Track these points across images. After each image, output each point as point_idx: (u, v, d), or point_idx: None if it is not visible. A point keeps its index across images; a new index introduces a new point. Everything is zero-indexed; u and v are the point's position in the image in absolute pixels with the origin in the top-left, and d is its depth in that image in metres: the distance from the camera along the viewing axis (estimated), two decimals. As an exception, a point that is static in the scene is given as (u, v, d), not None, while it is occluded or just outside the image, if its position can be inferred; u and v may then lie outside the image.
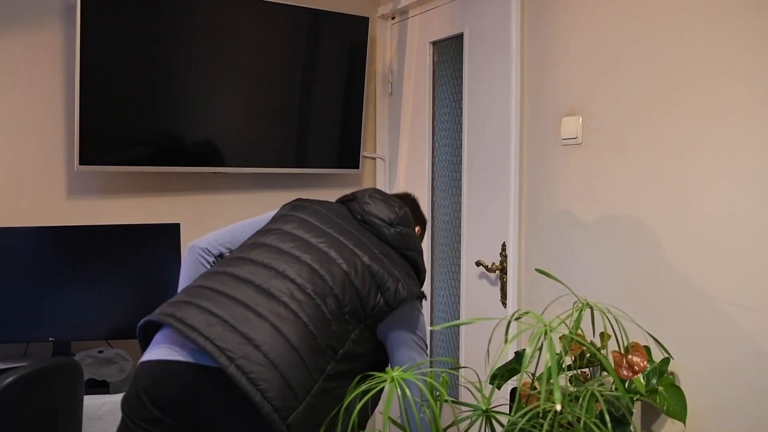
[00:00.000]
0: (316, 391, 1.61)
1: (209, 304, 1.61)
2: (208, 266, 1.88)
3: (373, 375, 1.79)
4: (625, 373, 1.64)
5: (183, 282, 1.91)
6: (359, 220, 1.92)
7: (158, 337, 1.68)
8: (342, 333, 1.68)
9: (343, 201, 2.00)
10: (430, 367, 2.90)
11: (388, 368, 1.35)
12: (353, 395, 1.39)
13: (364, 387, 1.35)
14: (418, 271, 1.94)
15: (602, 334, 1.73)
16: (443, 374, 1.54)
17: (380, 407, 3.11)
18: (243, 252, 1.77)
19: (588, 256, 2.14)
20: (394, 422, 1.38)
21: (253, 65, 2.83)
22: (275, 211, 1.96)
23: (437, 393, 1.39)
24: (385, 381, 1.30)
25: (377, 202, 1.93)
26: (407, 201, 2.13)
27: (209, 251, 1.88)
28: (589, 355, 1.69)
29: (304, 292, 1.66)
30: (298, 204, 1.93)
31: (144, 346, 1.76)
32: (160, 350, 1.63)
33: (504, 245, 2.46)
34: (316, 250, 1.74)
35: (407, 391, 1.33)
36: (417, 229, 2.10)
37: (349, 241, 1.79)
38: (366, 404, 1.67)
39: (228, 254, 1.89)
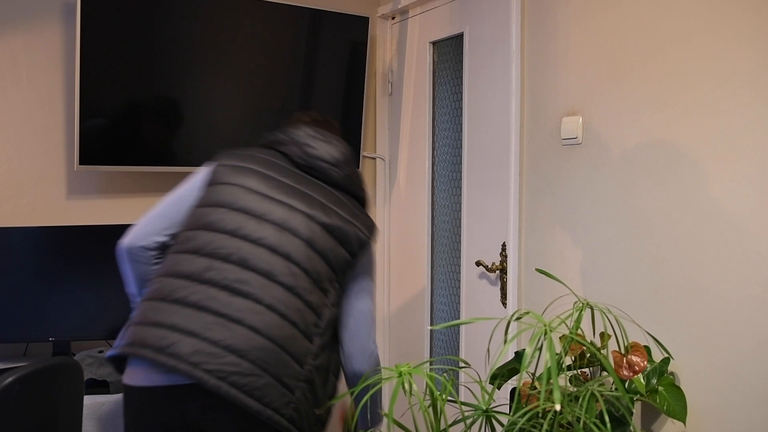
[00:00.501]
0: (307, 376, 1.60)
1: (182, 321, 1.54)
2: (154, 261, 1.76)
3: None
4: (625, 373, 1.64)
5: (133, 285, 1.80)
6: (302, 165, 1.78)
7: (135, 359, 1.63)
8: (320, 303, 1.65)
9: (276, 145, 1.83)
10: (432, 366, 2.90)
11: (398, 364, 1.35)
12: (355, 392, 1.39)
13: (367, 383, 1.35)
14: (365, 206, 1.89)
15: (602, 334, 1.73)
16: (445, 374, 1.53)
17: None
18: (196, 244, 1.64)
19: (588, 256, 2.14)
20: (398, 423, 1.38)
21: (253, 65, 2.83)
22: (203, 175, 1.78)
23: (440, 392, 1.39)
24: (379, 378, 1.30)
25: (319, 143, 1.79)
26: (337, 130, 1.98)
27: (149, 248, 1.74)
28: (589, 355, 1.69)
29: (273, 281, 1.60)
30: (233, 166, 1.75)
31: (119, 364, 1.70)
32: (143, 372, 1.59)
33: (504, 245, 2.46)
34: (271, 227, 1.65)
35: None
36: None
37: (300, 203, 1.69)
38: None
39: (170, 241, 1.75)
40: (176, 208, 1.75)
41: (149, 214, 1.76)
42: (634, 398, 1.77)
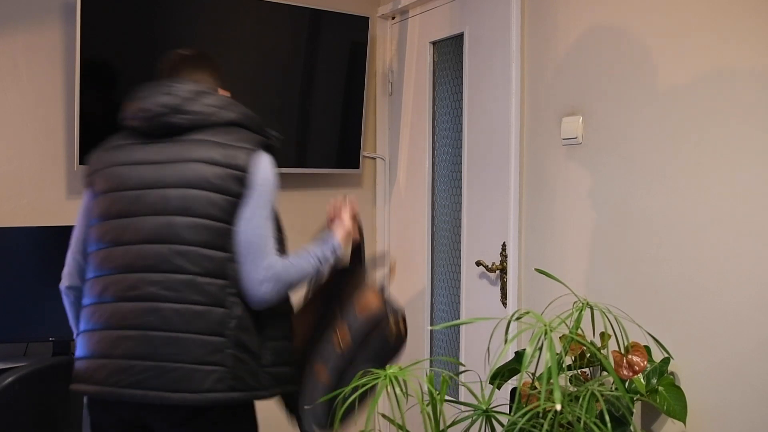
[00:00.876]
0: (234, 340, 1.60)
1: (96, 347, 1.63)
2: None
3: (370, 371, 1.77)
4: (625, 373, 1.64)
5: (73, 321, 1.85)
6: (150, 132, 1.68)
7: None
8: (222, 264, 1.61)
9: (126, 121, 1.74)
10: (431, 366, 2.90)
11: (388, 365, 1.34)
12: (346, 390, 1.39)
13: (359, 383, 1.35)
14: (249, 126, 1.71)
15: (602, 334, 1.73)
16: (444, 374, 1.53)
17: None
18: (93, 265, 1.69)
19: (588, 256, 2.14)
20: (387, 418, 1.38)
21: (253, 65, 2.83)
22: (85, 193, 1.76)
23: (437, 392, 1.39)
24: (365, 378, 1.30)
25: (147, 101, 1.65)
26: (198, 62, 1.81)
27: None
28: (589, 355, 1.69)
29: (159, 272, 1.59)
30: (97, 170, 1.72)
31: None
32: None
33: (504, 245, 2.46)
34: (144, 219, 1.62)
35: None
36: (215, 76, 1.81)
37: (161, 178, 1.62)
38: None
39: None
40: (87, 243, 1.75)
41: (72, 251, 1.79)
42: (634, 398, 1.77)
